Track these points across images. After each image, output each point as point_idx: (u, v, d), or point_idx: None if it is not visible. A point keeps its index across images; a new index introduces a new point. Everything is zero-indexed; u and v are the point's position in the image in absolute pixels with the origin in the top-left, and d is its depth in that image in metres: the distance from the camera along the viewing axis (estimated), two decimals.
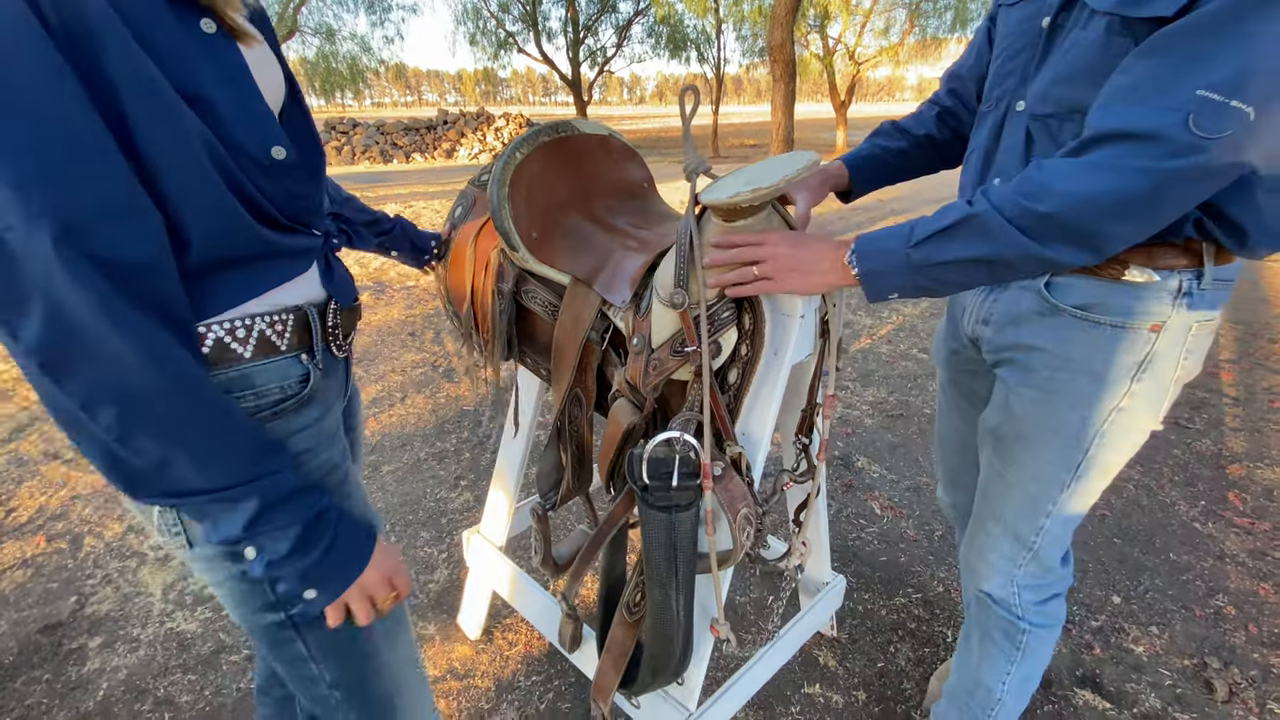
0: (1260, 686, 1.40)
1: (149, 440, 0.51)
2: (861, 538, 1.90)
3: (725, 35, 17.46)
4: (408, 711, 0.77)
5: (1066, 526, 0.96)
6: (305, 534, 0.59)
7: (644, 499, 0.89)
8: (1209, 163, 0.63)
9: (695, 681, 1.04)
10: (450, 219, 1.23)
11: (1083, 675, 1.44)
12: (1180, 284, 0.80)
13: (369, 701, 0.73)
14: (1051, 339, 0.88)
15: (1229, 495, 2.06)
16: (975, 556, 1.05)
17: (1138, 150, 0.64)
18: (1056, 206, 0.67)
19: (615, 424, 0.99)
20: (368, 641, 0.71)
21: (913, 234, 0.75)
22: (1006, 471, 0.96)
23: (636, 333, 0.97)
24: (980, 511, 1.04)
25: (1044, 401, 0.90)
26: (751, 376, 0.90)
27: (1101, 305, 0.83)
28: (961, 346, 1.09)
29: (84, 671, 1.51)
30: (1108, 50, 0.72)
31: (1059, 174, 0.68)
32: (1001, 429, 0.95)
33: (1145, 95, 0.65)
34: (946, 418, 1.24)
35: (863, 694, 1.40)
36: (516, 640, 1.55)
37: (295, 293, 0.67)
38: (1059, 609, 1.05)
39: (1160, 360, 0.83)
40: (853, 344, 3.36)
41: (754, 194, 0.79)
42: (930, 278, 0.76)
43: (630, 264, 1.03)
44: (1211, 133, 0.62)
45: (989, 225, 0.70)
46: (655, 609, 0.91)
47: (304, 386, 0.66)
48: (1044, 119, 0.82)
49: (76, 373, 0.49)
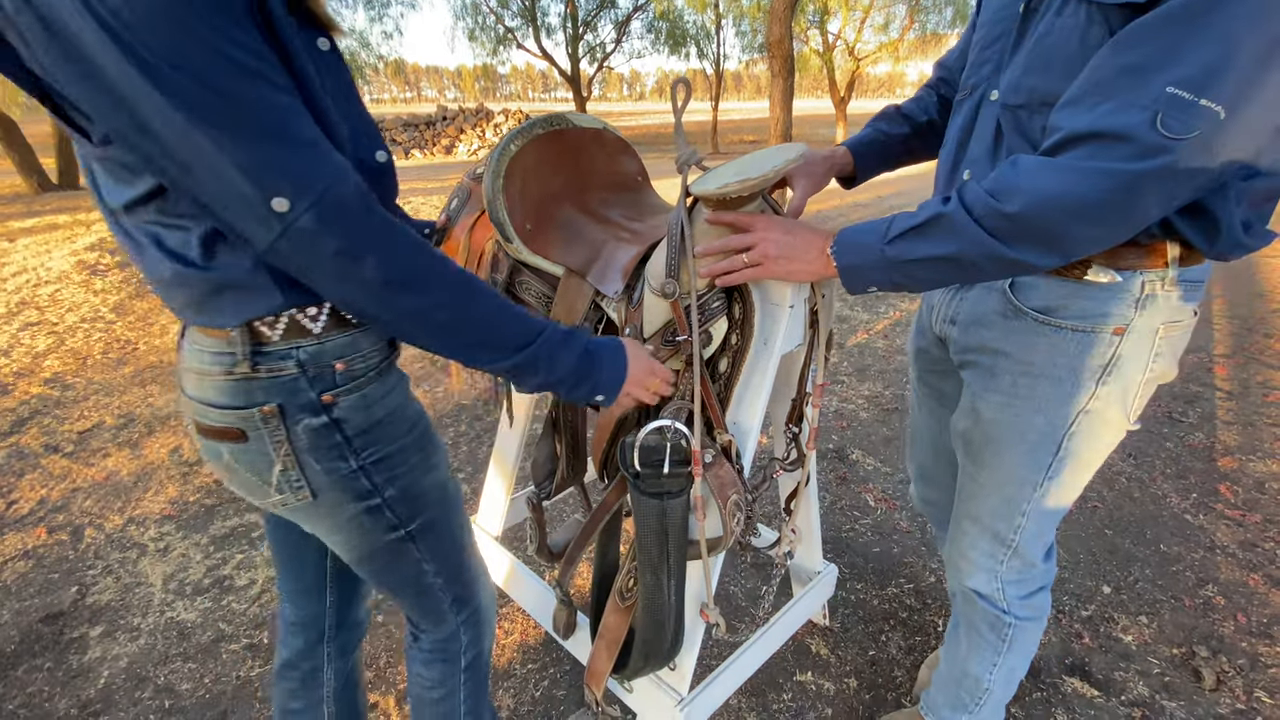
0: (1248, 675, 1.42)
1: (479, 323, 0.67)
2: (855, 529, 1.92)
3: (725, 31, 17.42)
4: (480, 576, 0.94)
5: (1046, 523, 0.96)
6: (581, 361, 0.76)
7: (636, 486, 0.90)
8: (1177, 165, 0.60)
9: (687, 667, 1.06)
10: (445, 211, 1.24)
11: (1071, 663, 1.46)
12: (1143, 285, 0.78)
13: (460, 577, 0.89)
14: (1015, 344, 0.87)
15: (1220, 488, 2.08)
16: (957, 554, 1.06)
17: (1104, 151, 0.62)
18: (1021, 207, 0.66)
19: (608, 413, 1.01)
20: (458, 531, 0.86)
21: (889, 230, 0.76)
22: (979, 474, 0.96)
23: (629, 323, 0.98)
24: (958, 511, 1.04)
25: (1008, 407, 0.89)
26: (741, 365, 0.91)
27: (1063, 308, 0.82)
28: (929, 345, 1.09)
29: (85, 660, 1.52)
30: (1085, 40, 0.70)
31: (1027, 173, 0.67)
32: (970, 433, 0.95)
33: (1113, 92, 0.63)
34: (917, 415, 1.24)
35: (854, 681, 1.42)
36: (512, 629, 1.57)
37: None
38: (1044, 602, 1.05)
39: (1126, 363, 0.82)
40: (849, 339, 3.37)
41: (743, 185, 0.81)
42: (903, 274, 0.76)
43: (623, 255, 1.04)
44: (1179, 133, 0.59)
45: (956, 224, 0.70)
46: (647, 593, 0.93)
47: (393, 349, 0.77)
48: (1014, 110, 0.80)
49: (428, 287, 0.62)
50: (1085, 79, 0.67)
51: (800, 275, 0.84)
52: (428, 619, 0.91)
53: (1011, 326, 0.87)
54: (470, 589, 0.92)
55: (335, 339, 0.68)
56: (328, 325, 0.67)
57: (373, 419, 0.71)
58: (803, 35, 14.40)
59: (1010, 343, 0.87)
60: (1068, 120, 0.66)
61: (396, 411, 0.75)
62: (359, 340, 0.70)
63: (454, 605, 0.90)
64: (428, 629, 0.92)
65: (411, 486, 0.77)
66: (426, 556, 0.83)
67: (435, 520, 0.82)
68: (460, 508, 0.88)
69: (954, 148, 0.93)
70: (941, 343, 1.04)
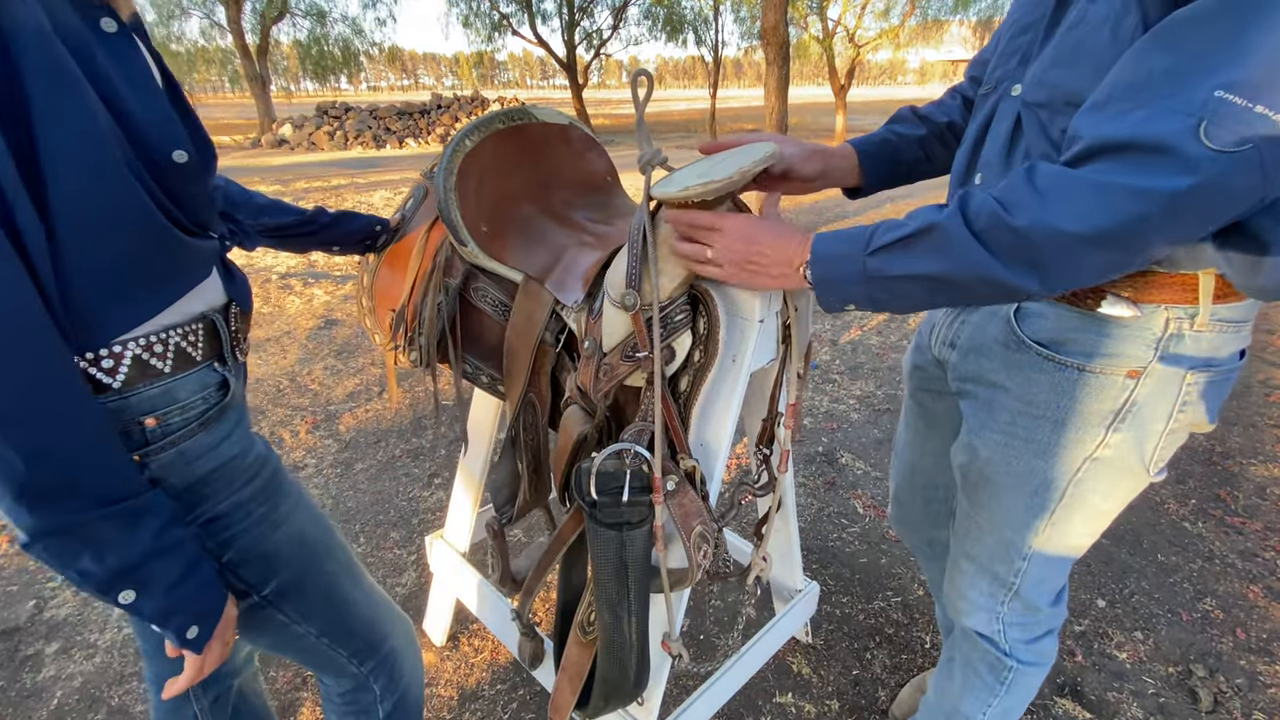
0: (1246, 695, 1.36)
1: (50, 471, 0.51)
2: (842, 538, 1.86)
3: (723, 17, 17.18)
4: (384, 621, 0.85)
5: (1051, 569, 0.87)
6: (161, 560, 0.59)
7: (592, 516, 0.83)
8: (1222, 183, 0.50)
9: (655, 701, 1.00)
10: (400, 210, 1.17)
11: (1063, 683, 1.40)
12: (1168, 323, 0.67)
13: (350, 630, 0.81)
14: (1015, 379, 0.78)
15: (1220, 493, 2.01)
16: (954, 593, 0.97)
17: (1135, 166, 0.52)
18: (1030, 222, 0.56)
19: (566, 433, 0.94)
20: (333, 582, 0.77)
21: (872, 239, 0.65)
22: (976, 513, 0.88)
23: (588, 335, 0.91)
24: (955, 549, 0.96)
25: (1006, 447, 0.80)
26: (702, 384, 0.84)
27: (1070, 343, 0.72)
28: (926, 364, 1.00)
29: (39, 679, 1.46)
30: (1117, 31, 0.61)
31: (1045, 185, 0.57)
32: (968, 470, 0.87)
33: (1150, 94, 0.53)
34: (902, 434, 1.16)
35: (835, 703, 1.36)
36: (483, 647, 1.51)
37: (202, 300, 0.66)
38: (1050, 647, 0.96)
39: (1144, 410, 0.71)
40: (842, 335, 3.30)
41: (704, 188, 0.73)
42: (885, 290, 0.65)
43: (584, 261, 0.97)
44: (1228, 145, 0.49)
45: (951, 238, 0.60)
46: (606, 632, 0.86)
47: (224, 394, 0.66)
48: (1035, 107, 0.70)
49: None
50: (1115, 79, 0.57)
51: (765, 285, 0.75)
52: (325, 671, 0.83)
53: (1013, 359, 0.77)
54: (370, 639, 0.83)
55: (142, 392, 0.58)
56: (130, 376, 0.58)
57: (195, 476, 0.62)
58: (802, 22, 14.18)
59: (1011, 377, 0.78)
60: (1091, 128, 0.57)
61: (229, 464, 0.65)
62: (175, 390, 0.61)
63: (354, 658, 0.82)
64: (329, 681, 0.85)
65: (256, 545, 0.68)
66: (296, 619, 0.74)
67: (297, 578, 0.72)
68: (335, 553, 0.79)
69: (970, 147, 0.82)
70: (940, 364, 0.94)
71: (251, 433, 0.72)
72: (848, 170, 0.95)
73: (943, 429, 1.03)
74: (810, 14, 13.95)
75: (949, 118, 0.96)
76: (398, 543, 1.85)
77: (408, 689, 0.89)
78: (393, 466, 2.21)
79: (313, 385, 2.82)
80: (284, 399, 2.69)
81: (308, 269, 4.57)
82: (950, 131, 0.96)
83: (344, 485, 2.12)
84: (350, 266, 4.61)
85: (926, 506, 1.14)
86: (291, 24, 16.65)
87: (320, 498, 2.05)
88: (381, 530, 1.90)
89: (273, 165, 10.72)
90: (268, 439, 1.02)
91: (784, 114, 6.34)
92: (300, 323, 3.55)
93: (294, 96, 41.89)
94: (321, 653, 0.79)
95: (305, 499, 0.76)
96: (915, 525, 1.19)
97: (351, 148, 13.42)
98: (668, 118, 23.71)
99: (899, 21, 14.40)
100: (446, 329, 1.10)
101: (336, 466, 2.22)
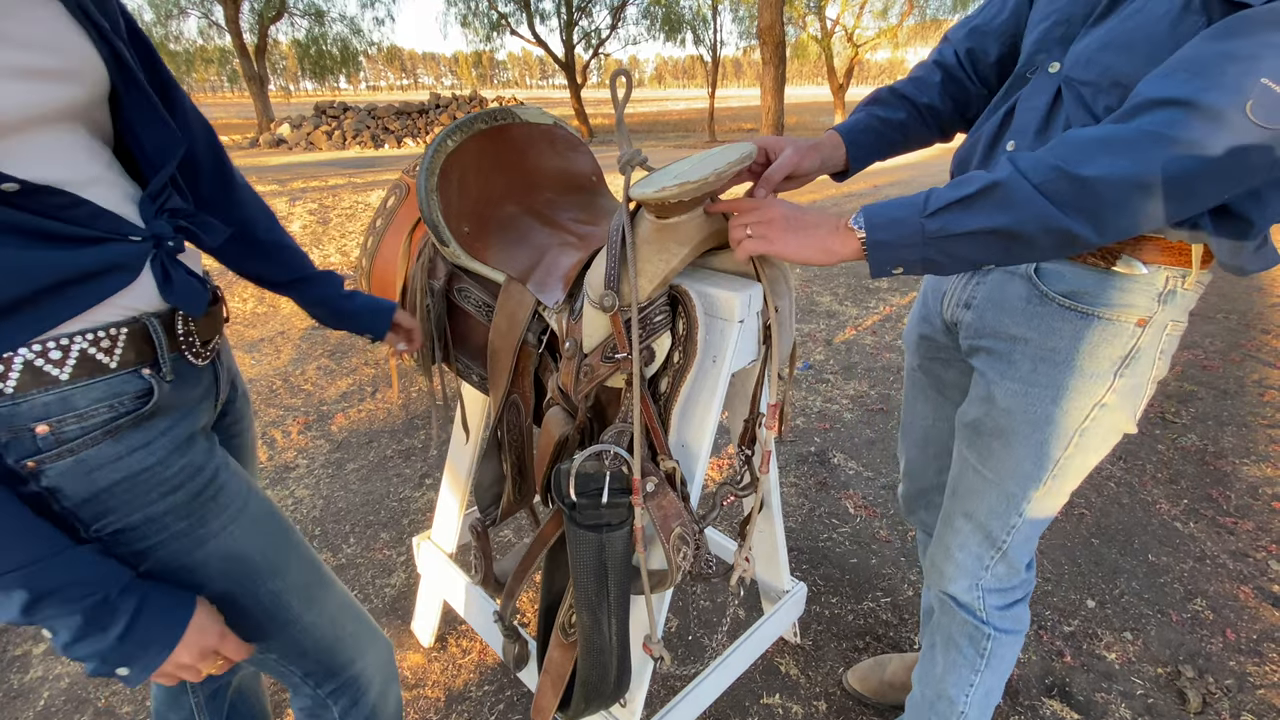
0: (1235, 696, 1.36)
1: None
2: (833, 538, 1.85)
3: (722, 17, 17.17)
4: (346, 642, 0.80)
5: (1036, 528, 0.94)
6: (90, 620, 0.56)
7: (571, 518, 0.83)
8: (1262, 153, 0.60)
9: (637, 703, 0.99)
10: (382, 209, 1.16)
11: (1051, 684, 1.40)
12: (1167, 280, 0.78)
13: (301, 651, 0.76)
14: (1037, 329, 0.84)
15: (1212, 493, 2.01)
16: (941, 555, 1.02)
17: (1188, 120, 0.60)
18: (1101, 171, 0.62)
19: (548, 434, 0.93)
20: (276, 601, 0.72)
21: (928, 203, 0.69)
22: (983, 466, 0.93)
23: (569, 336, 0.90)
24: (950, 509, 1.00)
25: (1025, 395, 0.86)
26: (682, 385, 0.84)
27: (1090, 294, 0.81)
28: (934, 332, 1.04)
29: (26, 680, 1.46)
30: (1177, 26, 0.67)
31: (1106, 138, 0.64)
32: (981, 423, 0.91)
33: (1209, 72, 0.61)
34: (911, 407, 1.19)
35: (823, 704, 1.36)
36: (470, 648, 1.50)
37: (121, 306, 0.61)
38: (1023, 614, 1.02)
39: (1142, 356, 0.82)
40: (837, 335, 3.29)
41: (681, 189, 0.73)
42: (942, 251, 0.70)
43: (565, 261, 0.96)
44: (1268, 122, 0.59)
45: (1013, 193, 0.65)
46: (585, 634, 0.86)
47: (144, 402, 0.62)
48: (1080, 84, 0.76)
49: None
50: (1179, 58, 0.64)
51: (811, 253, 0.75)
52: (283, 683, 0.79)
53: (1035, 312, 0.84)
54: (329, 663, 0.78)
55: (34, 398, 0.56)
56: (22, 382, 0.55)
57: (98, 486, 0.59)
58: (800, 21, 14.18)
59: (1033, 328, 0.84)
60: (1152, 88, 0.64)
61: (141, 475, 0.62)
62: (72, 398, 0.57)
63: (308, 679, 0.78)
64: (291, 692, 0.81)
65: (175, 560, 0.64)
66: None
67: (229, 595, 0.68)
68: (286, 572, 0.74)
69: (1001, 117, 0.86)
70: (949, 330, 1.00)
71: (189, 441, 0.67)
72: (838, 159, 0.99)
73: (955, 395, 1.07)
74: (809, 13, 13.93)
75: (928, 99, 0.99)
76: (388, 543, 1.85)
77: (375, 714, 0.85)
78: (384, 467, 2.21)
79: (306, 385, 2.82)
80: (276, 399, 2.69)
81: None
82: (929, 112, 1.00)
83: (335, 486, 2.11)
84: (346, 266, 4.61)
85: (939, 476, 1.17)
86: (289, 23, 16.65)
87: (311, 498, 2.05)
88: (372, 531, 1.90)
89: (270, 165, 10.71)
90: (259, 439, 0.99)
91: (780, 114, 6.34)
92: (294, 323, 3.54)
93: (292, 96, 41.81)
94: (271, 667, 0.77)
95: (255, 513, 0.72)
96: (928, 499, 1.21)
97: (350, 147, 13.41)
98: (666, 117, 23.70)
99: (897, 21, 14.39)
100: (433, 330, 1.10)
101: (328, 467, 2.21)
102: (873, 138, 1.00)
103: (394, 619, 1.58)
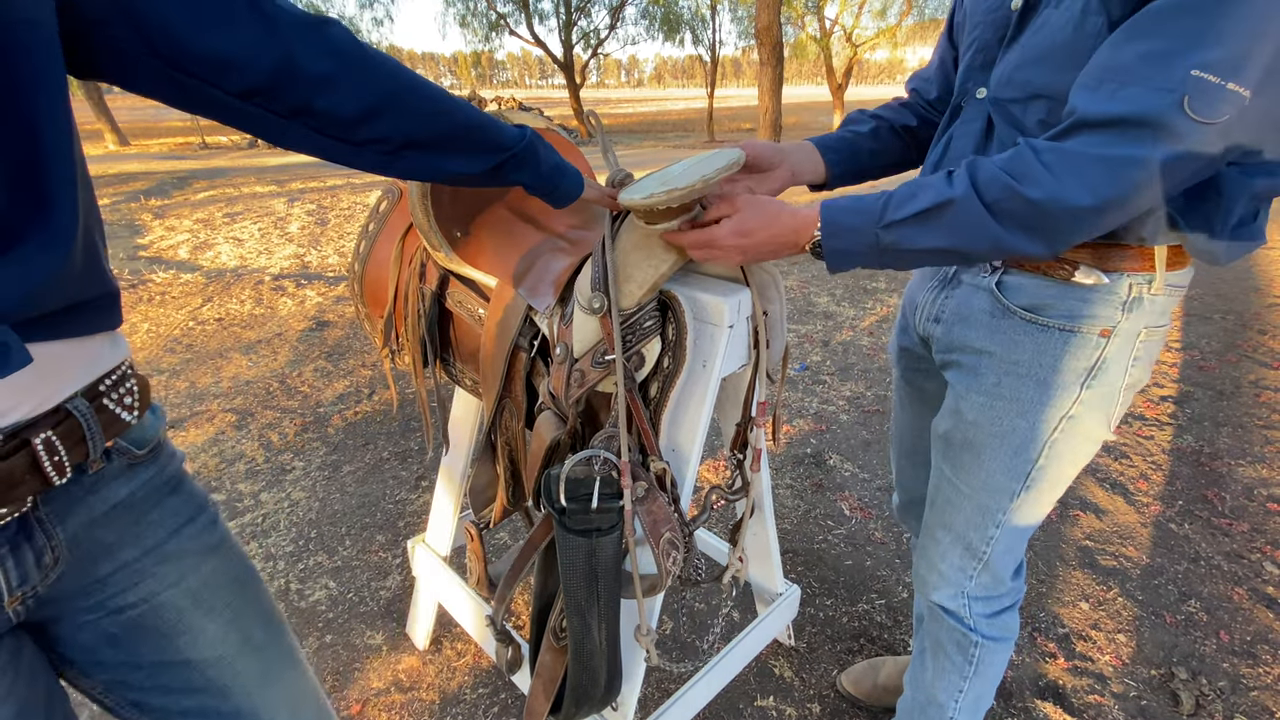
0: (1228, 699, 1.36)
1: None
2: (828, 540, 1.85)
3: (721, 17, 17.18)
4: None
5: (1018, 538, 0.93)
6: None
7: (561, 523, 0.83)
8: (1203, 149, 0.60)
9: (629, 707, 1.00)
10: (374, 212, 1.16)
11: (1044, 686, 1.40)
12: (1130, 287, 0.77)
13: None
14: (1000, 343, 0.84)
15: (1207, 494, 2.01)
16: (925, 567, 1.02)
17: (1127, 138, 0.61)
18: (1046, 195, 0.63)
19: (539, 439, 0.93)
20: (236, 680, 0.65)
21: (885, 212, 0.71)
22: (957, 478, 0.93)
23: (560, 341, 0.90)
24: (930, 520, 1.00)
25: (990, 408, 0.86)
26: (671, 390, 0.84)
27: (1050, 307, 0.80)
28: (912, 344, 1.04)
29: None
30: (1080, 29, 0.68)
31: (1051, 160, 0.64)
32: (951, 435, 0.92)
33: (1133, 77, 0.61)
34: (899, 417, 1.20)
35: (817, 707, 1.36)
36: (465, 651, 1.50)
37: None
38: (1012, 622, 1.02)
39: (1111, 367, 0.81)
40: (834, 336, 3.29)
41: (669, 195, 0.73)
42: (896, 259, 0.73)
43: (557, 265, 0.96)
44: (1208, 117, 0.58)
45: (964, 213, 0.67)
46: (575, 638, 0.86)
47: None
48: (1005, 104, 0.78)
49: None
50: (1099, 65, 0.64)
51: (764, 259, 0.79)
52: None
53: (998, 325, 0.84)
54: None
55: None
56: None
57: None
58: (799, 21, 14.18)
59: (996, 342, 0.85)
60: (1082, 104, 0.64)
61: None
62: None
63: None
64: None
65: None
66: None
67: None
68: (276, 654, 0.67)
69: (941, 149, 0.89)
70: (925, 342, 1.00)
71: None
72: (814, 168, 1.00)
73: (938, 406, 1.07)
74: (808, 13, 13.94)
75: (902, 121, 1.03)
76: (384, 546, 1.85)
77: None
78: (380, 469, 2.21)
79: (302, 388, 2.82)
80: (273, 401, 2.69)
81: (301, 270, 4.56)
82: (905, 131, 1.03)
83: (331, 488, 2.11)
84: (343, 268, 4.61)
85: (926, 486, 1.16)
86: None
87: (307, 500, 2.05)
88: (368, 533, 1.90)
89: (269, 165, 10.71)
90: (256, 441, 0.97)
91: (778, 114, 6.34)
92: (292, 324, 3.55)
93: None
94: None
95: None
96: (919, 510, 1.21)
97: None
98: (666, 117, 23.70)
99: (896, 21, 14.40)
100: (425, 335, 1.10)
101: (324, 469, 2.21)
102: (847, 148, 1.03)
103: (389, 622, 1.58)
